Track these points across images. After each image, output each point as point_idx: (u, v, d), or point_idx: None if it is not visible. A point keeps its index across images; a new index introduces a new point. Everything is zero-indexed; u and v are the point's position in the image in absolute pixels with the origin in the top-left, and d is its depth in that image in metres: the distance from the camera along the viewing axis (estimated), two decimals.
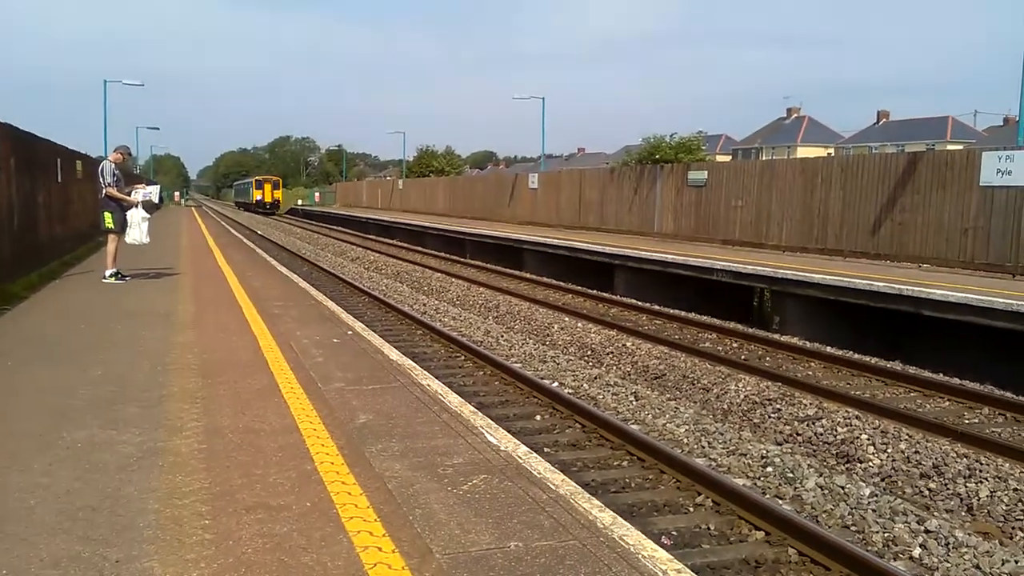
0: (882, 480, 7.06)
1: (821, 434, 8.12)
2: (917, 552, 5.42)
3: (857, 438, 7.86)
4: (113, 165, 12.70)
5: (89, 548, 3.39)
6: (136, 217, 12.69)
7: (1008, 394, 9.72)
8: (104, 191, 12.55)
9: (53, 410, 5.49)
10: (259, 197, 73.99)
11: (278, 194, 75.73)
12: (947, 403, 9.45)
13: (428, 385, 6.39)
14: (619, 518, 3.85)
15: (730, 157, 73.11)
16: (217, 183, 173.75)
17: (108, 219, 12.60)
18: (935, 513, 6.28)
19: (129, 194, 12.85)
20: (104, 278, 12.79)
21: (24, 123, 13.01)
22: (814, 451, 7.82)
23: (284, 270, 15.90)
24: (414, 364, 7.26)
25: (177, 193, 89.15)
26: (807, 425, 8.37)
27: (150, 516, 3.72)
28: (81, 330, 8.72)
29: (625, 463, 6.94)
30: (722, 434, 7.97)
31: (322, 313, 10.18)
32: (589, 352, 12.10)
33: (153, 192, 13.37)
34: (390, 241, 35.48)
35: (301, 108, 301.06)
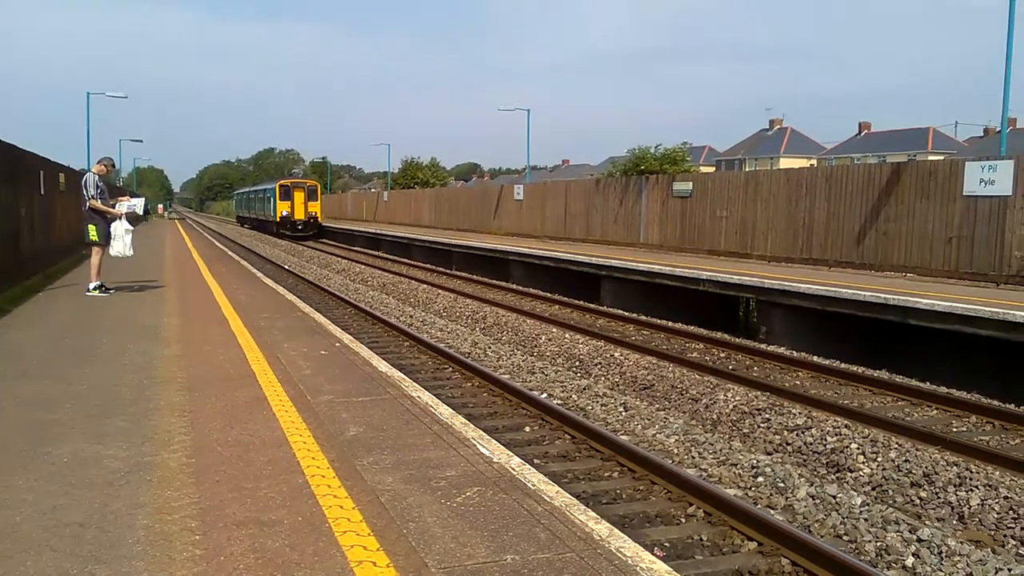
0: (873, 489, 7.06)
1: (811, 443, 8.12)
2: (910, 561, 5.41)
3: (847, 447, 7.86)
4: (97, 177, 12.61)
5: (77, 565, 3.33)
6: (120, 230, 12.63)
7: (995, 402, 9.76)
8: (88, 203, 12.47)
9: (37, 425, 5.41)
10: (285, 212, 49.06)
11: (315, 207, 50.02)
12: (935, 411, 9.47)
13: (418, 397, 6.34)
14: (615, 530, 3.81)
15: (713, 168, 73.62)
16: (201, 196, 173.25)
17: (92, 231, 12.53)
18: (927, 522, 6.28)
19: (113, 206, 12.78)
20: (88, 291, 12.69)
21: (4, 135, 12.91)
22: (804, 460, 7.82)
23: (269, 282, 15.81)
24: (403, 376, 7.21)
25: (161, 206, 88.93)
26: (797, 435, 8.37)
27: (139, 532, 3.66)
28: (65, 343, 8.62)
29: (616, 474, 6.90)
30: (712, 444, 7.95)
31: (309, 325, 10.11)
32: (577, 363, 12.07)
33: (137, 204, 13.37)
34: (376, 253, 35.37)
35: (285, 121, 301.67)
